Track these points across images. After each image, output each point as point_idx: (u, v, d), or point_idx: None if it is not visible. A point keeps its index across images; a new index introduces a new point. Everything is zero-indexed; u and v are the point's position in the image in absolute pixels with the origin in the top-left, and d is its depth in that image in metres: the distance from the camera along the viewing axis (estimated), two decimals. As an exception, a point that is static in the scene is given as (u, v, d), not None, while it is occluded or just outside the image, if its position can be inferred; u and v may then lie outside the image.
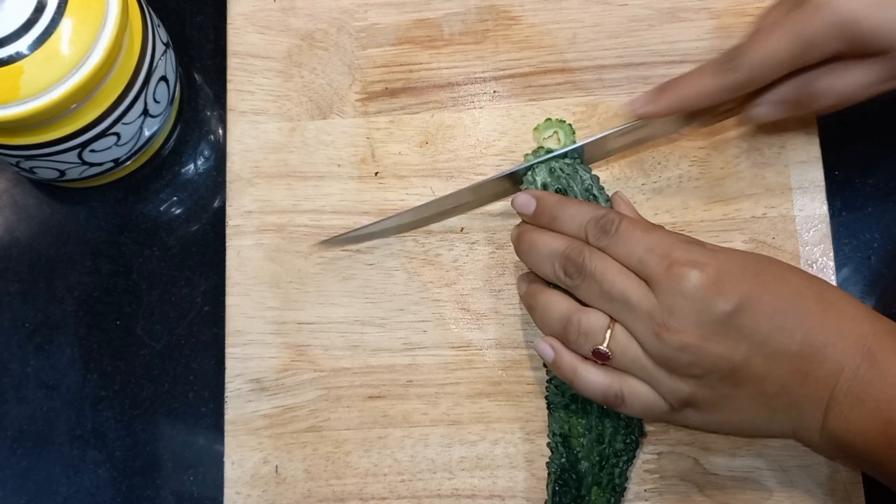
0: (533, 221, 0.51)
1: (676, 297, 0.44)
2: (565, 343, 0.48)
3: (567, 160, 0.54)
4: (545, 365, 0.53)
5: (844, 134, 0.59)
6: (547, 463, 0.53)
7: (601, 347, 0.46)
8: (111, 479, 0.58)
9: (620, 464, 0.52)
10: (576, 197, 0.52)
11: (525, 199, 0.51)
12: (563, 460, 0.52)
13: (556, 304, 0.49)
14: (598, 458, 0.51)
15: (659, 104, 0.52)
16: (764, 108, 0.52)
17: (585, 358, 0.48)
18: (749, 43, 0.49)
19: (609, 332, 0.46)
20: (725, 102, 0.52)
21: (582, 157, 0.55)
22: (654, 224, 0.49)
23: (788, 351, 0.44)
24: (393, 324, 0.57)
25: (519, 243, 0.51)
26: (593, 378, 0.47)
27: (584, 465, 0.51)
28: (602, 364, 0.47)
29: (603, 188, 0.54)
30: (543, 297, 0.49)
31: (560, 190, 0.52)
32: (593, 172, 0.54)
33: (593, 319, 0.47)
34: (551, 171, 0.53)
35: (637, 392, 0.47)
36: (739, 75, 0.49)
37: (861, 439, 0.44)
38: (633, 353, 0.46)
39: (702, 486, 0.54)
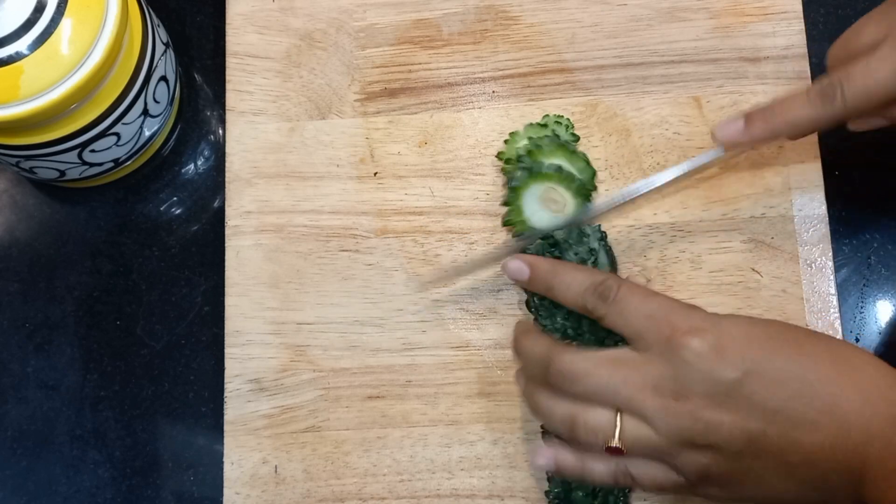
0: (528, 288, 0.49)
1: (679, 367, 0.43)
2: (574, 443, 0.46)
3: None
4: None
5: (844, 134, 0.59)
6: (545, 492, 0.53)
7: (613, 444, 0.44)
8: (111, 479, 0.58)
9: (615, 491, 0.51)
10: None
11: (517, 266, 0.49)
12: (558, 489, 0.52)
13: (556, 406, 0.46)
14: (591, 488, 0.51)
15: (751, 133, 0.49)
16: (870, 122, 0.50)
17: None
18: (852, 73, 0.47)
19: (618, 423, 0.44)
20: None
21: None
22: (653, 291, 0.47)
23: (807, 419, 0.42)
24: (392, 324, 0.57)
25: (517, 345, 0.49)
26: (600, 468, 0.46)
27: (577, 494, 0.51)
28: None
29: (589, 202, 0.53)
30: (543, 401, 0.47)
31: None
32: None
33: (599, 416, 0.45)
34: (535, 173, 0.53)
35: (645, 472, 0.45)
36: (842, 107, 0.47)
37: None
38: (646, 439, 0.44)
39: (701, 486, 0.54)
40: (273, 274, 0.57)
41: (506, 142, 0.57)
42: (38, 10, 0.51)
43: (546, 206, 0.54)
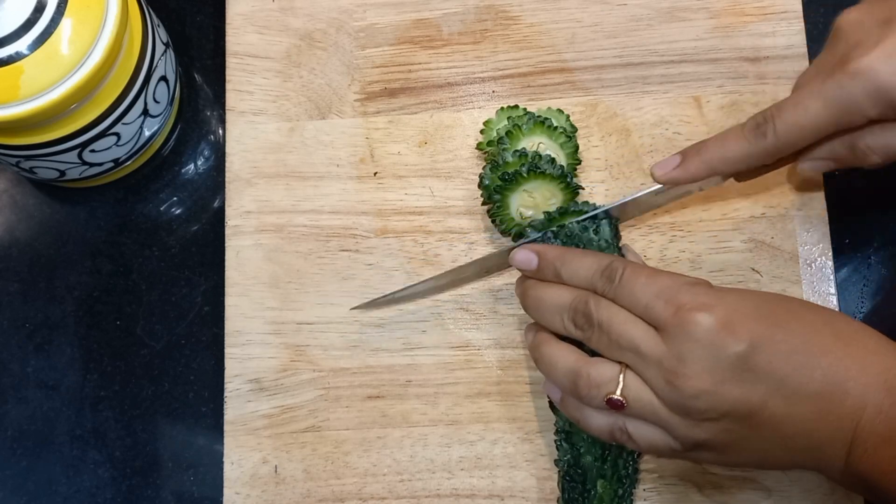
0: (536, 276, 0.50)
1: (686, 343, 0.43)
2: (576, 396, 0.47)
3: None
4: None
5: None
6: (555, 460, 0.53)
7: (615, 396, 0.45)
8: (111, 479, 0.58)
9: (625, 454, 0.52)
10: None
11: (525, 256, 0.50)
12: (567, 457, 0.52)
13: (562, 357, 0.47)
14: (600, 452, 0.51)
15: (686, 170, 0.49)
16: (810, 164, 0.50)
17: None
18: (783, 107, 0.47)
19: (621, 379, 0.45)
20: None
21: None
22: (659, 269, 0.48)
23: (808, 390, 0.43)
24: (392, 324, 0.57)
25: (525, 298, 0.50)
26: (598, 419, 0.47)
27: (587, 459, 0.52)
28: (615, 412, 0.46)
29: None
30: (548, 350, 0.48)
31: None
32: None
33: (603, 370, 0.46)
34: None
35: (642, 432, 0.46)
36: (772, 141, 0.47)
37: (889, 478, 0.42)
38: (647, 400, 0.45)
39: (700, 486, 0.54)
40: (273, 274, 0.58)
41: (482, 131, 0.57)
42: (38, 10, 0.51)
43: (531, 206, 0.54)
